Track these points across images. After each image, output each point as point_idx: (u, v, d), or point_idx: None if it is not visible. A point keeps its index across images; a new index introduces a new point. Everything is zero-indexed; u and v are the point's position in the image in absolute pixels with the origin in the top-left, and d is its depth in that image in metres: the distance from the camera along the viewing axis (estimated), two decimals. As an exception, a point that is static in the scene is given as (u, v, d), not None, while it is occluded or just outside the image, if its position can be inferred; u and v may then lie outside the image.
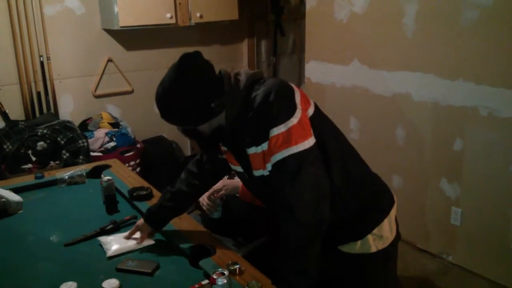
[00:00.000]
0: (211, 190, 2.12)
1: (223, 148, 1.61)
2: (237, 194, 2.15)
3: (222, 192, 2.10)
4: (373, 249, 1.56)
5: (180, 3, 3.77)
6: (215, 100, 1.42)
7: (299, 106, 1.43)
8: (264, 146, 1.42)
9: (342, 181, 1.51)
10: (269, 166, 1.45)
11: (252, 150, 1.47)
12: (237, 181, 2.12)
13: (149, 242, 1.76)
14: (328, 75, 3.66)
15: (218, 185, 2.11)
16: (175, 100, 1.44)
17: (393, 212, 1.64)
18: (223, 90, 1.45)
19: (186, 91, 1.43)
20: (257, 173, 1.51)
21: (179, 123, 1.50)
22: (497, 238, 2.81)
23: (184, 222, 1.89)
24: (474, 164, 2.86)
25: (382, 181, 1.71)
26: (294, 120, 1.39)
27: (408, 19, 3.07)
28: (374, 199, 1.63)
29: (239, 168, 1.61)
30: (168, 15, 3.71)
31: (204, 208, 2.17)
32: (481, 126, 2.79)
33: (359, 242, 1.56)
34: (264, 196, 1.65)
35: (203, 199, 2.16)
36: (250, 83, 1.47)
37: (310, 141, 1.41)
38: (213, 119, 1.45)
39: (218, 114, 1.45)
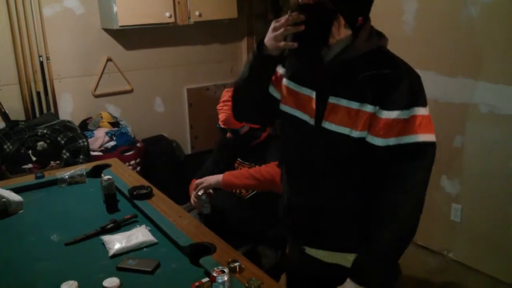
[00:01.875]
0: (194, 185, 2.16)
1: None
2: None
3: (204, 184, 2.12)
4: None
5: (179, 2, 3.77)
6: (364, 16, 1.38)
7: None
8: (388, 114, 1.32)
9: None
10: (380, 141, 1.34)
11: (353, 105, 1.36)
12: (217, 176, 2.14)
13: (151, 240, 1.76)
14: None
15: (201, 180, 2.14)
16: None
17: None
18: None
19: None
20: (336, 128, 1.40)
21: None
22: (497, 235, 2.81)
23: (184, 220, 1.89)
24: (474, 161, 2.87)
25: None
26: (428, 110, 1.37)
27: (408, 16, 3.07)
28: None
29: (298, 113, 1.50)
30: (167, 14, 3.70)
31: (194, 206, 2.21)
32: (481, 123, 2.79)
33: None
34: (314, 154, 1.48)
35: (192, 196, 2.20)
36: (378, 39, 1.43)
37: None
38: (352, 24, 1.36)
39: (357, 26, 1.36)
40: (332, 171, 1.47)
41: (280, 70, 1.58)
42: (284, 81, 1.56)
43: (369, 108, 1.34)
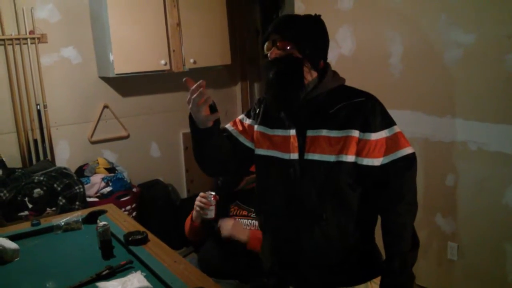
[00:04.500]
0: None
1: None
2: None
3: (230, 234, 2.17)
4: None
5: (174, 50, 3.87)
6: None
7: None
8: (376, 135, 1.48)
9: None
10: (375, 161, 1.48)
11: (333, 133, 1.49)
12: (243, 232, 2.18)
13: (146, 286, 1.76)
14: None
15: (228, 231, 2.20)
16: (318, 27, 1.58)
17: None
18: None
19: (325, 32, 1.60)
20: (319, 157, 1.51)
21: (301, 39, 1.52)
22: (494, 272, 2.80)
23: (180, 265, 1.90)
24: (467, 199, 2.89)
25: None
26: None
27: (395, 59, 3.16)
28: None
29: (276, 153, 1.59)
30: (163, 62, 3.80)
31: (198, 208, 2.23)
32: (471, 161, 2.83)
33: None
34: (304, 191, 1.54)
35: (198, 199, 2.23)
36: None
37: None
38: (316, 67, 1.55)
39: (320, 68, 1.56)
40: (330, 205, 1.52)
41: (247, 121, 1.72)
42: (256, 127, 1.68)
43: (354, 133, 1.48)
